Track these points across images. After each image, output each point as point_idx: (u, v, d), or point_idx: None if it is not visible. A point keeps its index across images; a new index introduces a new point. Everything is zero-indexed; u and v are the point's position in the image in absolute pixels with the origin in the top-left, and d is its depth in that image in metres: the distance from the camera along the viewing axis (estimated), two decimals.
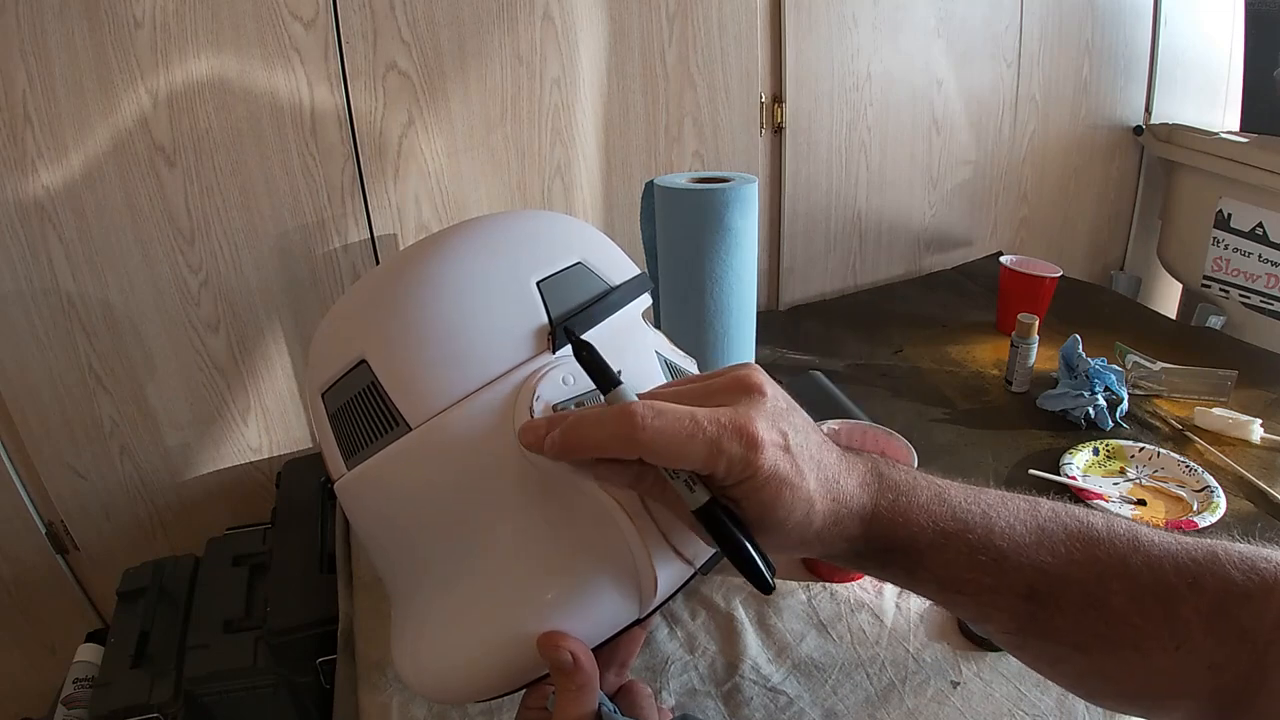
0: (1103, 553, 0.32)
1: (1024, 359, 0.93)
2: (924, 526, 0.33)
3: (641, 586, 0.37)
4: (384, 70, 0.93)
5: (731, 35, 1.10)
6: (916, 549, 0.33)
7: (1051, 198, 1.46)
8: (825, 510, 0.32)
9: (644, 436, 0.30)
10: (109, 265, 0.89)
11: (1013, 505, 0.35)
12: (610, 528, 0.36)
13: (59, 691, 0.82)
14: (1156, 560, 0.32)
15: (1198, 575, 0.31)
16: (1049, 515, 0.34)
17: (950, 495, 0.35)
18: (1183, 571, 0.31)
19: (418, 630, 0.39)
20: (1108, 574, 0.32)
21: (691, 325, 0.80)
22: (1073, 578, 0.32)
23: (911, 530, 0.33)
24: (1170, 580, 0.31)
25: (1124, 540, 0.33)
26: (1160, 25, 1.40)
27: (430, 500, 0.38)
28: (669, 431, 0.30)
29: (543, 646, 0.35)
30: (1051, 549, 0.33)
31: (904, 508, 0.34)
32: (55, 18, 0.79)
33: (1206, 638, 0.30)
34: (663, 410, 0.31)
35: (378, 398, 0.37)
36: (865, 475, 0.35)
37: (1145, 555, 0.32)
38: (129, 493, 0.98)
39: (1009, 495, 0.35)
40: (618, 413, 0.31)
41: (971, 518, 0.34)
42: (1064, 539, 0.33)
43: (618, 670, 0.40)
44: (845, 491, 0.33)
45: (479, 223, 0.44)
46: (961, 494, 0.35)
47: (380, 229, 1.00)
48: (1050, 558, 0.32)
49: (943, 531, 0.33)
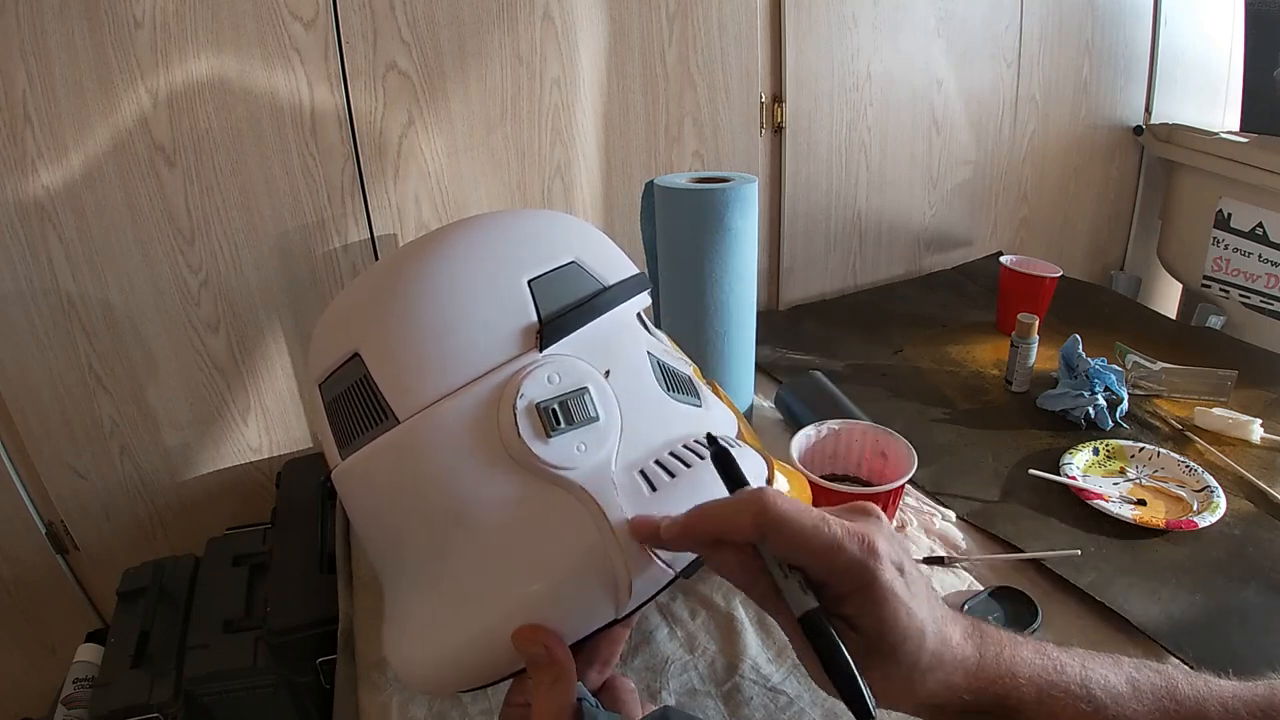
0: (1185, 703, 0.33)
1: (1024, 359, 0.93)
2: (1029, 679, 0.34)
3: (618, 587, 0.37)
4: (384, 70, 0.93)
5: (731, 35, 1.10)
6: (1023, 703, 0.33)
7: (1051, 198, 1.46)
8: (934, 649, 0.32)
9: (771, 514, 0.31)
10: (109, 265, 0.89)
11: (1103, 659, 0.35)
12: (587, 528, 0.37)
13: (59, 691, 0.82)
14: (1230, 702, 0.33)
15: (1266, 711, 0.32)
16: (1134, 667, 0.35)
17: (1048, 649, 0.35)
18: (1253, 710, 0.33)
19: (404, 620, 0.40)
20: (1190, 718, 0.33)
21: (691, 325, 0.80)
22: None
23: (1019, 683, 0.33)
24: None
25: (1201, 690, 0.34)
26: (1160, 25, 1.40)
27: (415, 492, 0.39)
28: (794, 515, 0.31)
29: (518, 640, 0.36)
30: (1143, 700, 0.33)
31: (1009, 661, 0.34)
32: (55, 18, 0.79)
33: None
34: (792, 500, 0.32)
35: (369, 390, 0.38)
36: (968, 626, 0.35)
37: (1219, 701, 0.33)
38: (129, 493, 0.98)
39: (1095, 652, 0.36)
40: (750, 493, 0.33)
41: (1071, 670, 0.34)
42: (1150, 691, 0.34)
43: (600, 668, 0.41)
44: (952, 637, 0.33)
45: (476, 221, 0.45)
46: (1056, 648, 0.35)
47: (380, 229, 1.00)
48: (1143, 708, 0.33)
49: (1048, 683, 0.34)
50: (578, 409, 0.38)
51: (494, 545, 0.38)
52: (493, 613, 0.37)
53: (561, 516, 0.37)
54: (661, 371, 0.44)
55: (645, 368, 0.43)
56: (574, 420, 0.38)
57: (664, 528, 0.35)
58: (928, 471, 0.79)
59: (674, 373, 0.45)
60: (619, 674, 0.42)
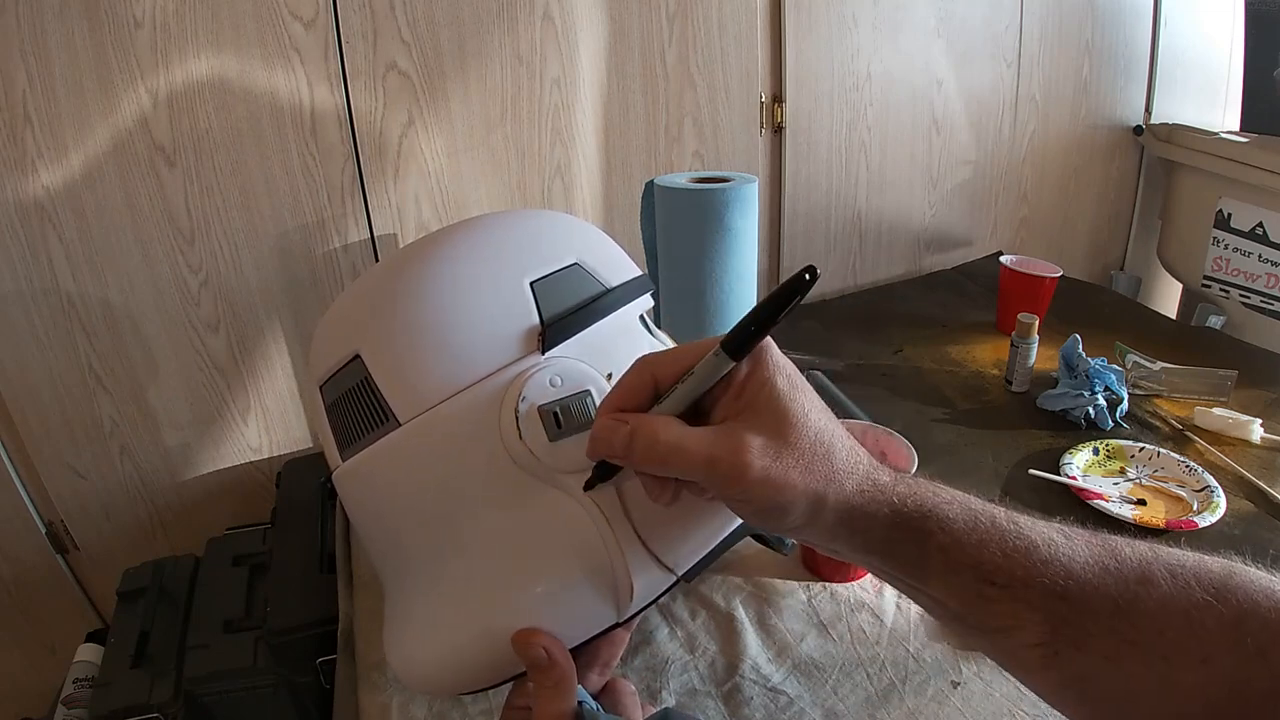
0: (1126, 560, 0.32)
1: (1024, 359, 0.93)
2: (953, 500, 0.33)
3: (618, 591, 0.37)
4: (384, 70, 0.93)
5: (731, 35, 1.10)
6: (949, 525, 0.32)
7: (1051, 198, 1.46)
8: (847, 445, 0.33)
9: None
10: (109, 265, 0.89)
11: (1032, 515, 0.34)
12: (589, 531, 0.37)
13: (59, 691, 0.82)
14: (1179, 570, 0.31)
15: (1218, 588, 0.30)
16: (1070, 525, 0.34)
17: (967, 493, 0.34)
18: (1203, 582, 0.30)
19: (404, 621, 0.40)
20: (1133, 579, 0.31)
21: (691, 325, 0.80)
22: (1103, 583, 0.31)
23: (941, 500, 0.33)
24: (1193, 590, 0.30)
25: (1144, 549, 0.32)
26: (1160, 25, 1.40)
27: (416, 494, 0.39)
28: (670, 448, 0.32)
29: (517, 643, 0.36)
30: (1078, 550, 0.32)
31: (928, 484, 0.34)
32: (55, 18, 0.79)
33: (1230, 654, 0.29)
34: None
35: (370, 392, 0.38)
36: (881, 461, 0.35)
37: (1166, 564, 0.31)
38: (129, 493, 0.98)
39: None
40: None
41: (996, 508, 0.33)
42: (1087, 542, 0.32)
43: (600, 670, 0.41)
44: (862, 450, 0.34)
45: (478, 222, 0.45)
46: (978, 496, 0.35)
47: (380, 229, 1.00)
48: (1078, 559, 0.32)
49: (974, 510, 0.33)
50: (580, 412, 0.38)
51: (495, 548, 0.38)
52: (493, 615, 0.37)
53: (563, 520, 0.37)
54: None
55: None
56: (576, 423, 0.38)
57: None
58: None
59: None
60: (619, 676, 0.42)
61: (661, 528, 0.38)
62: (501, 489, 0.38)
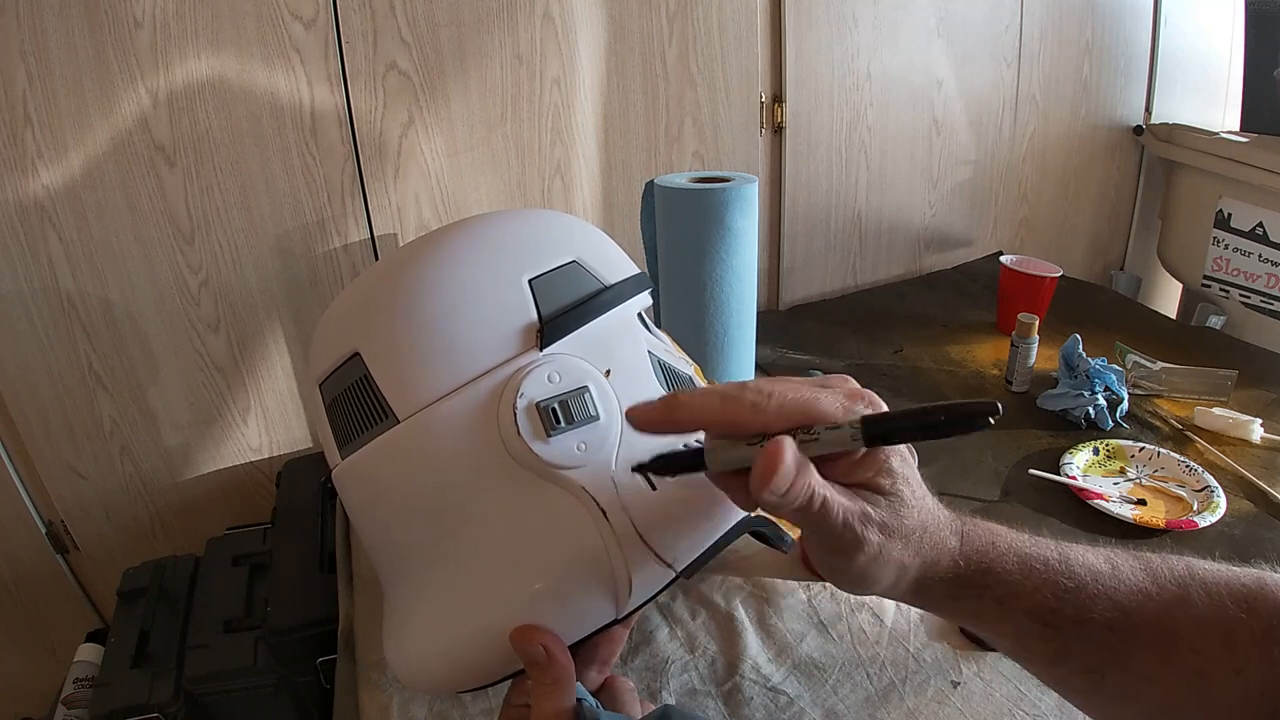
0: (1165, 584, 0.33)
1: (1024, 359, 0.93)
2: (1009, 549, 0.34)
3: (617, 587, 0.37)
4: (384, 70, 0.93)
5: (731, 35, 1.10)
6: (1007, 575, 0.34)
7: (1051, 198, 1.46)
8: (933, 508, 0.34)
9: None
10: (109, 265, 0.89)
11: (1079, 545, 0.36)
12: (587, 527, 0.37)
13: (59, 691, 0.82)
14: (1213, 588, 0.33)
15: (1250, 601, 0.32)
16: (1112, 551, 0.35)
17: (1017, 531, 0.36)
18: (1236, 597, 0.32)
19: (403, 619, 0.40)
20: (1171, 602, 0.33)
21: (691, 325, 0.80)
22: (1144, 609, 0.33)
23: (1000, 552, 0.34)
24: (1227, 607, 0.32)
25: (1181, 570, 0.34)
26: (1160, 25, 1.40)
27: (415, 491, 0.39)
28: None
29: (516, 640, 0.36)
30: (1122, 579, 0.34)
31: (986, 530, 0.35)
32: (55, 18, 0.79)
33: (1262, 662, 0.31)
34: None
35: (369, 389, 0.38)
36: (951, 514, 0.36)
37: (1202, 582, 0.33)
38: (129, 493, 0.98)
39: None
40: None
41: (1048, 546, 0.35)
42: (1130, 569, 0.34)
43: (599, 668, 0.41)
44: (936, 501, 0.35)
45: (476, 220, 0.45)
46: (1029, 534, 0.36)
47: (380, 229, 1.00)
48: (1122, 589, 0.33)
49: (1028, 555, 0.34)
50: (578, 408, 0.38)
51: (494, 545, 0.38)
52: (492, 612, 0.37)
53: (561, 516, 0.37)
54: (662, 371, 0.44)
55: (646, 367, 0.43)
56: (574, 419, 0.38)
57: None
58: (928, 471, 0.78)
59: (675, 372, 0.45)
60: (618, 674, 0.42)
61: (660, 523, 0.38)
62: (500, 485, 0.38)
